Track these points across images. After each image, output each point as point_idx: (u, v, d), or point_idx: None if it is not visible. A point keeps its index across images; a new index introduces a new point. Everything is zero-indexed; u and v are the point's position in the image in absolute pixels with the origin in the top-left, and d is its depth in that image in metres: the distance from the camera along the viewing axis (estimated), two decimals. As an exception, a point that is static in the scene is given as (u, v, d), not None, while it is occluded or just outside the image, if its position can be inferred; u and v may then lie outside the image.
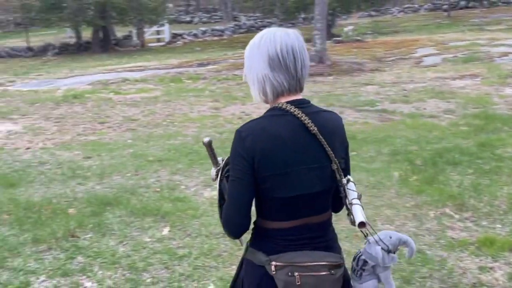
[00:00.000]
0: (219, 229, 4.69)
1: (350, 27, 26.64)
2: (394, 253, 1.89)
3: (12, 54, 31.04)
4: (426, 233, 4.55)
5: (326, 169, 1.87)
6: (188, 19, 49.35)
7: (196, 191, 5.86)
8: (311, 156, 1.85)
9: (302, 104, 1.87)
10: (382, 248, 1.86)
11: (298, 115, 1.82)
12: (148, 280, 3.86)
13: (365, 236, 1.94)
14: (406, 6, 47.15)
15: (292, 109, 1.83)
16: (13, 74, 20.71)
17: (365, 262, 1.90)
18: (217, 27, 39.79)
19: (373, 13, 42.02)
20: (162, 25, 34.89)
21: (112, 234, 4.71)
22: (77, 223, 4.93)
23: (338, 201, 1.97)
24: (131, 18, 31.47)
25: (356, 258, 1.95)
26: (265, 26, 39.48)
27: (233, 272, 3.84)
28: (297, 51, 1.84)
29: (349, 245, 4.17)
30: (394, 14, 43.89)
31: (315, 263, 1.84)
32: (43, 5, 30.77)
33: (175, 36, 35.65)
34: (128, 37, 34.78)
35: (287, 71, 1.83)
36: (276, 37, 1.85)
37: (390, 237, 1.91)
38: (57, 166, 7.15)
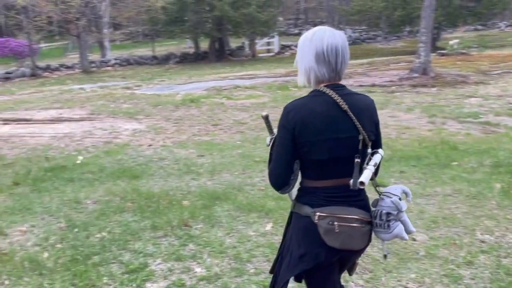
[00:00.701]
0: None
1: (456, 41, 25.43)
2: (401, 199, 2.19)
3: (140, 61, 32.81)
4: (527, 246, 4.24)
5: (355, 139, 2.14)
6: (296, 31, 49.46)
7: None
8: (342, 128, 2.13)
9: (337, 87, 2.16)
10: (395, 198, 2.17)
11: (332, 95, 2.13)
12: (252, 271, 3.91)
13: (379, 194, 2.22)
14: (514, 20, 44.20)
15: (328, 90, 2.14)
16: (140, 80, 21.86)
17: (388, 214, 2.15)
18: (324, 39, 39.59)
19: (479, 27, 39.77)
20: (272, 37, 35.30)
21: (220, 226, 4.82)
22: (190, 214, 5.11)
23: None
24: (245, 31, 32.12)
25: (378, 216, 2.18)
26: (370, 39, 38.87)
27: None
28: (340, 50, 2.14)
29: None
30: (501, 28, 41.27)
31: (350, 216, 2.14)
32: (168, 19, 32.26)
33: (283, 47, 35.93)
34: (241, 48, 35.58)
35: (329, 66, 2.14)
36: (324, 37, 2.14)
37: (395, 189, 2.23)
38: (174, 162, 7.46)
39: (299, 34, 42.65)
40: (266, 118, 2.47)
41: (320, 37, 2.14)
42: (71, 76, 27.62)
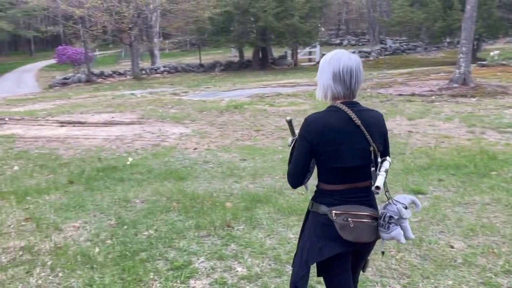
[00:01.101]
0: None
1: (496, 52, 24.71)
2: (407, 209, 2.36)
3: (187, 69, 33.26)
4: None
5: (366, 150, 2.33)
6: (338, 41, 49.21)
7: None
8: (355, 140, 2.32)
9: (352, 105, 2.36)
10: (400, 206, 2.34)
11: (347, 111, 2.32)
12: (291, 272, 3.87)
13: (388, 199, 2.38)
14: (557, 31, 42.49)
15: (343, 107, 2.34)
16: (187, 86, 22.14)
17: (391, 217, 2.33)
18: (364, 49, 39.19)
19: (520, 38, 38.55)
20: (314, 46, 35.21)
21: (261, 228, 4.82)
22: (232, 215, 5.12)
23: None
24: (287, 40, 32.15)
25: (383, 217, 2.35)
26: (410, 49, 38.13)
27: (371, 277, 3.75)
28: (354, 71, 2.33)
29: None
30: (543, 39, 39.80)
31: (361, 213, 2.34)
32: (215, 29, 32.63)
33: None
34: (283, 57, 35.60)
35: (344, 85, 2.34)
36: (341, 59, 2.34)
37: (404, 198, 2.39)
38: (218, 165, 7.51)
39: (340, 44, 42.53)
40: (289, 122, 2.67)
41: (338, 59, 2.34)
42: (123, 82, 28.26)
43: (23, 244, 4.56)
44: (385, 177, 2.32)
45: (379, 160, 2.35)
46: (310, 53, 36.03)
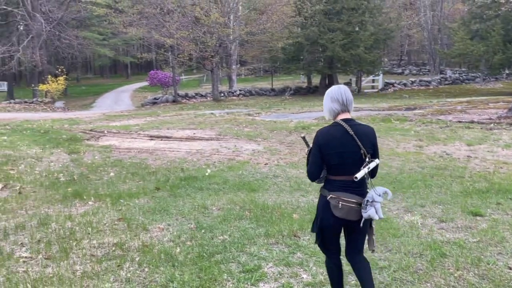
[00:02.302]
0: (417, 249, 4.41)
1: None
2: (380, 196, 2.92)
3: (260, 93, 33.63)
4: None
5: (357, 153, 2.95)
6: (399, 71, 48.02)
7: (397, 214, 5.60)
8: (349, 145, 2.94)
9: (348, 121, 3.00)
10: (374, 193, 2.92)
11: (344, 126, 2.97)
12: (353, 282, 3.77)
13: (367, 189, 3.01)
14: None
15: (342, 123, 2.99)
16: (260, 108, 22.32)
17: (367, 200, 2.90)
18: (425, 78, 37.93)
19: None
20: (377, 75, 34.58)
21: (325, 239, 4.71)
22: (299, 226, 5.05)
23: (371, 172, 3.01)
24: (352, 69, 31.83)
25: (363, 201, 2.92)
26: (469, 80, 36.51)
27: (429, 289, 3.56)
28: (343, 92, 3.05)
29: None
30: None
31: (350, 199, 2.95)
32: (286, 58, 32.92)
33: (386, 84, 34.94)
34: (348, 84, 35.08)
35: (339, 102, 3.03)
36: (333, 89, 3.08)
37: (379, 188, 2.94)
38: (286, 180, 7.47)
39: (402, 73, 41.48)
40: (304, 138, 3.31)
41: (331, 90, 3.09)
42: (204, 103, 29.00)
43: (115, 241, 4.73)
44: (367, 172, 2.92)
45: (367, 160, 2.95)
46: (373, 81, 35.40)
